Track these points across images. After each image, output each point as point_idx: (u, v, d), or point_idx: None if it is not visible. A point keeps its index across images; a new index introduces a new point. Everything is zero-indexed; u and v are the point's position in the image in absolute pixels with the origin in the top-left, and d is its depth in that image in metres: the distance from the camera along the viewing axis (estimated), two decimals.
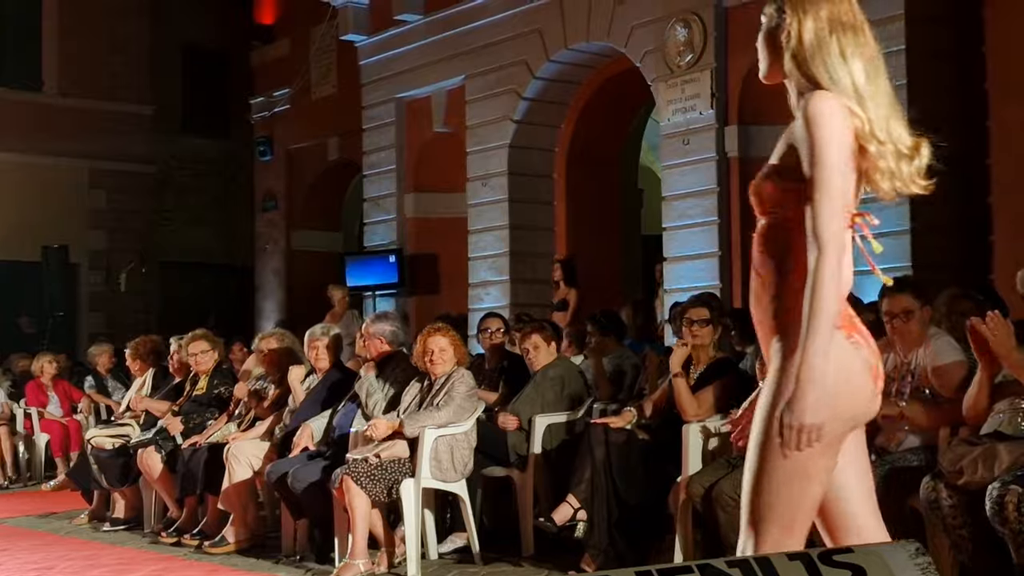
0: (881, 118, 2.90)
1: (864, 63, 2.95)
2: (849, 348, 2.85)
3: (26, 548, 8.25)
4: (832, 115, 2.87)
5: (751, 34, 11.92)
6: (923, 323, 5.73)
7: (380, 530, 6.98)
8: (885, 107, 2.92)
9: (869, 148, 2.88)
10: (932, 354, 5.67)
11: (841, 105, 2.89)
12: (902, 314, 5.69)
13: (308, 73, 17.56)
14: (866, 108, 2.90)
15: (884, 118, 2.91)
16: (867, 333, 2.91)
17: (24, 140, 18.40)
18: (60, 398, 12.81)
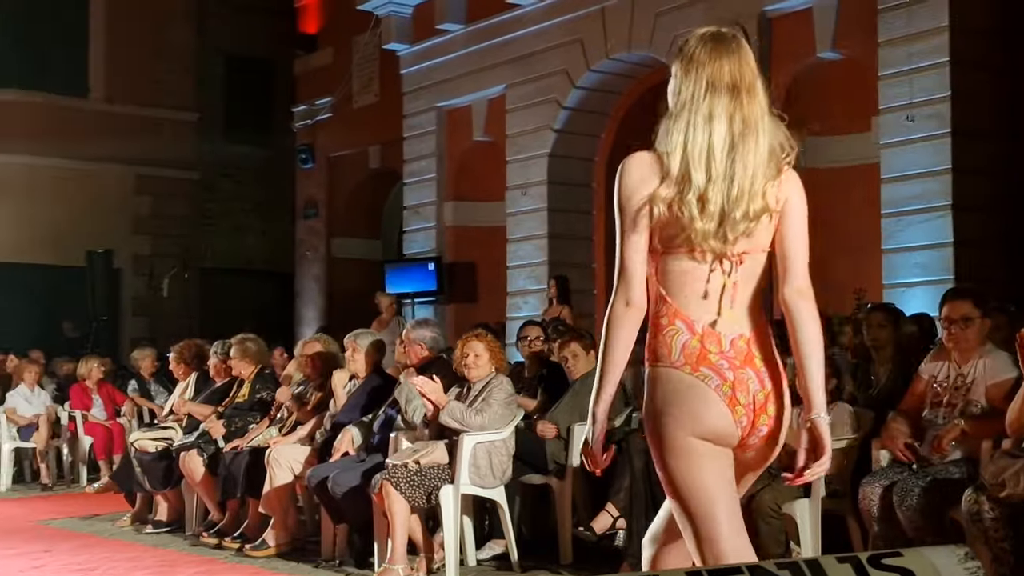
0: (716, 182, 3.09)
1: (726, 125, 3.13)
2: (692, 378, 3.08)
3: (70, 549, 8.33)
4: (627, 171, 3.18)
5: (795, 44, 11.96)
6: (981, 333, 5.72)
7: (419, 536, 7.01)
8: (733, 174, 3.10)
9: (685, 211, 3.09)
10: (989, 369, 5.65)
11: (644, 163, 3.17)
12: (961, 320, 5.70)
13: (350, 82, 17.67)
14: (708, 173, 3.10)
15: (719, 180, 3.09)
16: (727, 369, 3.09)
17: (70, 146, 18.63)
18: (104, 401, 12.93)
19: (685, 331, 3.13)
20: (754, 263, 3.21)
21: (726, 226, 3.10)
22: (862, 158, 11.40)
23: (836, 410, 6.25)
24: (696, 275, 3.15)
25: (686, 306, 3.14)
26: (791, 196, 3.24)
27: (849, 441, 6.17)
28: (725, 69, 3.17)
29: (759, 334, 3.20)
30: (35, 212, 18.40)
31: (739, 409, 3.09)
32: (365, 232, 18.72)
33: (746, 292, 3.20)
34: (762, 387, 3.15)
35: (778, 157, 3.20)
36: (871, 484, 5.65)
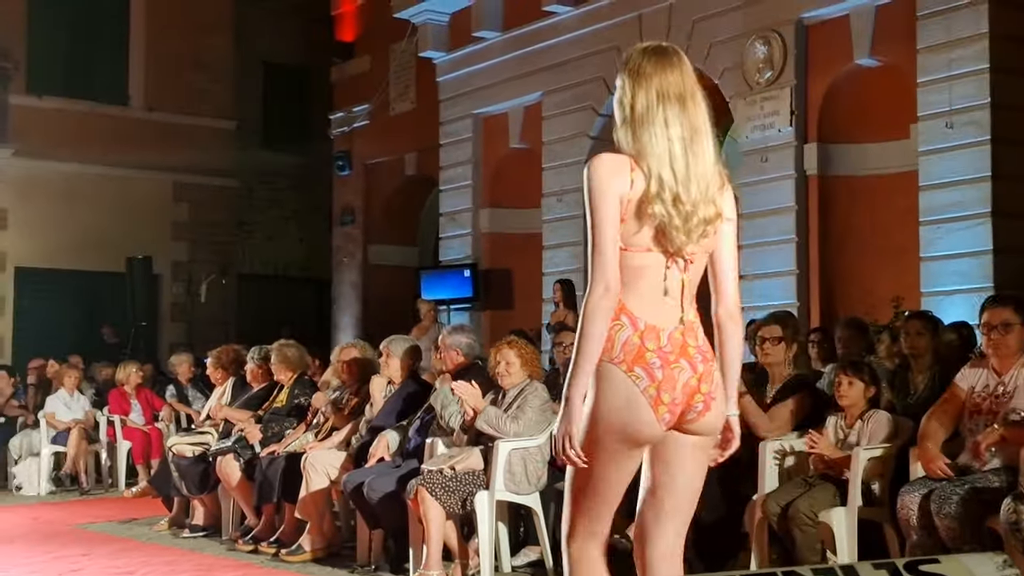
0: (682, 182, 3.34)
1: (680, 129, 3.38)
2: (629, 383, 3.34)
3: (107, 553, 8.39)
4: (597, 168, 3.36)
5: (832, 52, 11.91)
6: (1021, 340, 5.69)
7: (454, 542, 7.01)
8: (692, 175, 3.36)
9: (655, 207, 3.33)
10: None
11: (615, 162, 3.37)
12: (1000, 326, 5.70)
13: (387, 89, 17.73)
14: (672, 172, 3.35)
15: (684, 181, 3.35)
16: (658, 367, 3.34)
17: (110, 153, 18.79)
18: (142, 406, 13.01)
19: (628, 327, 3.36)
20: (700, 265, 3.48)
21: (691, 225, 3.35)
22: (901, 166, 11.34)
23: (875, 417, 6.21)
24: (651, 272, 3.39)
25: (634, 302, 3.38)
26: (731, 212, 3.52)
27: (886, 449, 6.12)
28: (671, 80, 3.42)
29: (693, 326, 3.44)
30: (76, 218, 18.56)
31: (662, 408, 3.35)
32: (401, 239, 18.76)
33: (693, 291, 3.47)
34: (694, 372, 3.39)
35: (719, 167, 3.46)
36: (909, 493, 5.61)
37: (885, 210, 11.53)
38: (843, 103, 11.73)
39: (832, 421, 6.38)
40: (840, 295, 11.70)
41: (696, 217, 3.35)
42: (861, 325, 8.42)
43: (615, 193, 3.33)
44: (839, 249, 11.76)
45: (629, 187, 3.34)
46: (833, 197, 11.77)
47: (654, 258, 3.38)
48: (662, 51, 3.47)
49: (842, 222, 11.76)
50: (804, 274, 11.74)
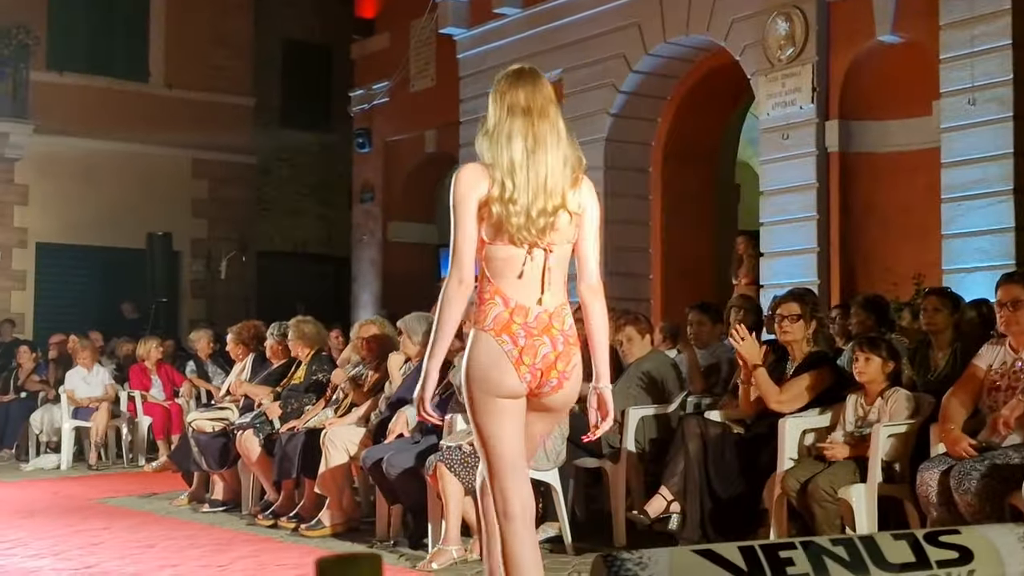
0: (520, 187, 3.87)
1: (524, 145, 3.91)
2: (496, 345, 3.90)
3: (128, 527, 8.45)
4: (459, 178, 3.93)
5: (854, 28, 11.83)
6: None
7: (473, 517, 7.00)
8: (531, 179, 3.88)
9: (495, 207, 3.87)
10: None
11: (473, 172, 3.93)
12: (1010, 303, 5.70)
13: (407, 66, 17.70)
14: (512, 179, 3.87)
15: (522, 186, 3.87)
16: (522, 336, 3.89)
17: (130, 130, 18.82)
18: (163, 382, 13.08)
19: (500, 304, 3.92)
20: (562, 252, 3.98)
21: (530, 221, 3.87)
22: (923, 142, 11.27)
23: (895, 396, 6.19)
24: (514, 261, 3.92)
25: (505, 285, 3.93)
26: (588, 204, 4.03)
27: (908, 426, 6.11)
28: (520, 96, 3.98)
29: (560, 311, 3.98)
30: (96, 195, 18.63)
31: (523, 368, 3.90)
32: (421, 216, 18.76)
33: (558, 275, 3.99)
34: (554, 349, 3.93)
35: (573, 167, 3.98)
36: (929, 469, 5.60)
37: (907, 187, 11.47)
38: (865, 80, 11.66)
39: (852, 399, 6.37)
40: (861, 272, 11.66)
41: (535, 215, 3.87)
42: (879, 302, 8.39)
43: (472, 200, 3.88)
44: (860, 226, 11.71)
45: (486, 192, 3.88)
46: (854, 174, 11.72)
47: (514, 250, 3.92)
48: (519, 72, 4.06)
49: (863, 199, 11.71)
50: (825, 251, 11.70)
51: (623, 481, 7.31)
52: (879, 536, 2.21)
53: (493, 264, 3.94)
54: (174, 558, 7.23)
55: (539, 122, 3.96)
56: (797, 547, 2.18)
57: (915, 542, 2.19)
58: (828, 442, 6.22)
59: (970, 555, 2.24)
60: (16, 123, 17.95)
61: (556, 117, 4.01)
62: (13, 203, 18.56)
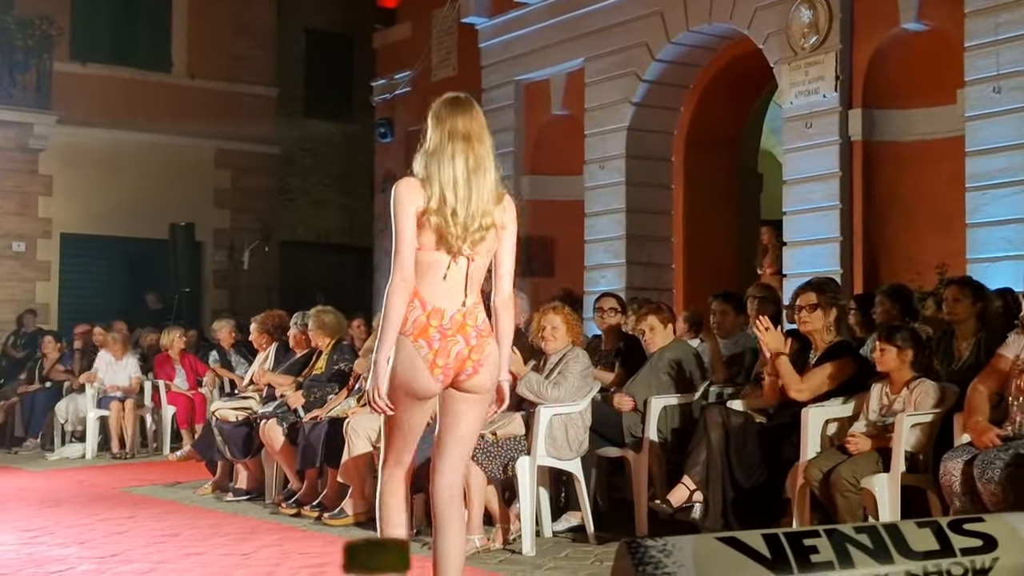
0: (460, 201, 4.37)
1: (464, 165, 4.41)
2: (412, 349, 4.38)
3: (152, 515, 8.50)
4: (398, 191, 4.44)
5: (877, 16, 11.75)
6: None
7: (495, 507, 7.04)
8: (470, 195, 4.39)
9: (434, 218, 4.36)
10: None
11: (411, 185, 4.43)
12: None
13: (429, 55, 17.69)
14: (454, 194, 4.37)
15: (462, 200, 4.37)
16: (439, 338, 4.37)
17: (153, 120, 18.88)
18: (187, 371, 13.14)
19: (418, 308, 4.38)
20: (482, 262, 4.50)
21: (467, 233, 4.37)
22: (947, 131, 11.20)
23: (920, 387, 6.17)
24: (439, 266, 4.40)
25: (425, 289, 4.40)
26: (508, 222, 4.54)
27: (932, 416, 6.09)
28: (460, 123, 4.47)
29: (474, 309, 4.46)
30: (119, 185, 18.69)
31: (436, 370, 4.39)
32: None
33: (476, 283, 4.49)
34: (467, 344, 4.43)
35: (498, 188, 4.49)
36: (952, 459, 5.58)
37: (931, 176, 11.41)
38: (889, 68, 11.60)
39: (877, 388, 6.35)
40: (884, 262, 11.61)
41: (473, 226, 4.38)
42: (903, 292, 8.35)
43: (411, 210, 4.38)
44: (884, 215, 11.66)
45: (423, 204, 4.38)
46: (878, 163, 11.66)
47: (440, 256, 4.39)
48: (456, 99, 4.58)
49: (887, 188, 11.66)
50: (848, 241, 11.65)
51: (645, 470, 7.31)
52: (903, 524, 2.21)
53: (419, 267, 4.41)
54: (198, 547, 7.26)
55: (477, 146, 4.48)
56: (821, 535, 2.18)
57: (939, 530, 2.18)
58: (850, 435, 6.21)
59: (994, 543, 2.23)
60: (40, 114, 18.02)
61: (489, 143, 4.55)
62: (37, 194, 18.64)
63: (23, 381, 14.41)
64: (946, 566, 2.20)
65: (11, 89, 17.87)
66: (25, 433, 13.93)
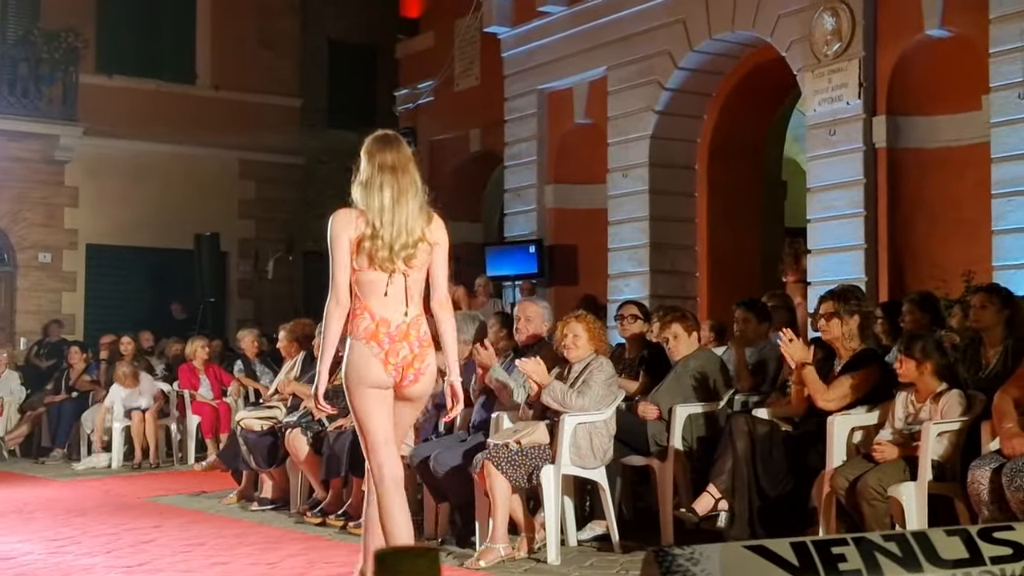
0: (386, 226, 4.97)
1: (391, 194, 5.01)
2: (366, 349, 4.99)
3: (178, 525, 8.52)
4: (335, 219, 5.04)
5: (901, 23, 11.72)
6: None
7: (520, 515, 7.03)
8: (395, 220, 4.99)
9: (370, 244, 4.96)
10: None
11: (346, 215, 5.04)
12: None
13: (452, 65, 17.73)
14: (381, 221, 4.97)
15: (387, 225, 4.97)
16: (387, 342, 4.97)
17: (178, 132, 18.98)
18: (211, 381, 13.17)
19: (368, 318, 5.00)
20: (419, 275, 5.09)
21: (394, 253, 4.96)
22: (972, 137, 11.16)
23: (946, 400, 6.14)
24: (379, 284, 5.00)
25: (372, 303, 5.00)
26: (439, 238, 5.16)
27: (959, 424, 6.05)
28: (387, 157, 5.09)
29: (416, 320, 5.06)
30: (145, 196, 18.79)
31: (389, 366, 4.99)
32: (466, 215, 18.76)
33: (416, 293, 5.08)
34: (411, 352, 5.02)
35: (427, 211, 5.11)
36: (981, 467, 5.55)
37: (956, 183, 11.36)
38: (913, 75, 11.56)
39: (903, 396, 6.32)
40: (910, 269, 11.56)
41: (398, 246, 4.96)
42: (930, 299, 8.32)
43: (345, 238, 4.98)
44: (909, 222, 11.61)
45: (359, 231, 4.96)
46: (902, 170, 11.62)
47: (378, 275, 4.99)
48: (385, 136, 5.21)
49: (912, 195, 11.61)
50: (873, 248, 11.61)
51: (671, 479, 7.29)
52: (932, 532, 2.19)
53: (363, 286, 5.00)
54: (224, 556, 7.28)
55: (402, 176, 5.07)
56: (849, 543, 2.17)
57: (968, 538, 2.17)
58: (876, 443, 6.18)
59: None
60: (66, 126, 18.16)
61: (414, 173, 5.14)
62: (63, 205, 18.76)
63: (50, 391, 14.49)
64: (976, 574, 2.18)
65: (38, 101, 18.01)
66: (52, 443, 13.99)
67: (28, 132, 18.03)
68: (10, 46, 18.24)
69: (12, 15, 18.57)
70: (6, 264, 18.55)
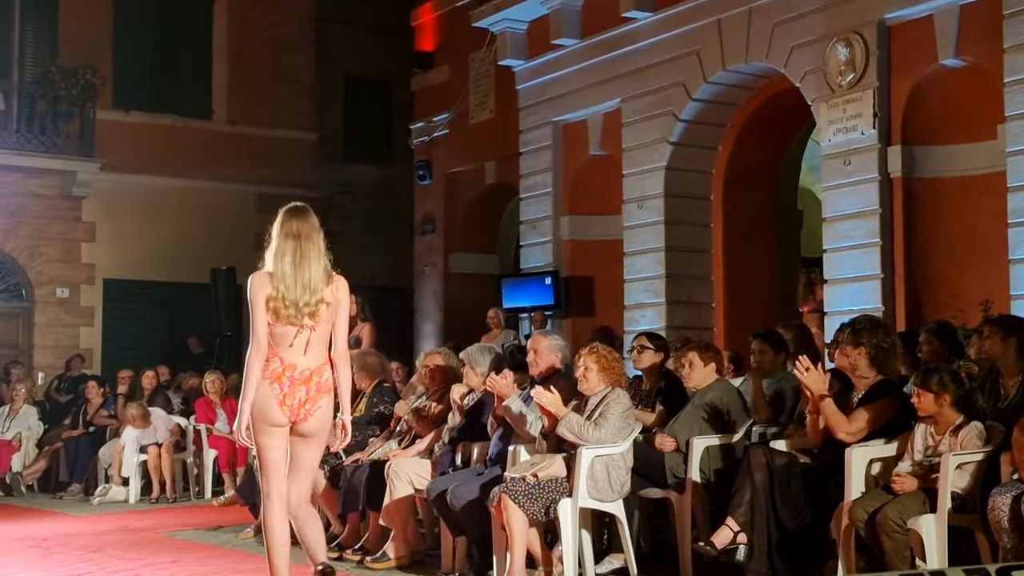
0: (289, 288, 5.80)
1: (292, 259, 5.84)
2: (270, 390, 5.82)
3: (195, 560, 8.52)
4: (252, 282, 5.86)
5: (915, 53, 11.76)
6: None
7: (538, 549, 7.01)
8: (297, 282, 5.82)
9: (276, 303, 5.80)
10: None
11: (260, 278, 5.86)
12: None
13: (467, 98, 17.79)
14: (284, 283, 5.81)
15: (290, 287, 5.81)
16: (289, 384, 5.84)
17: (194, 166, 19.08)
18: (228, 415, 13.17)
19: (278, 363, 5.84)
20: (323, 330, 5.92)
21: (299, 310, 5.80)
22: (988, 167, 11.14)
23: (965, 432, 6.10)
24: (287, 336, 5.84)
25: (282, 352, 5.85)
26: (341, 297, 5.98)
27: (979, 455, 6.01)
28: (294, 226, 5.94)
29: (320, 368, 5.91)
30: (161, 231, 18.86)
31: (284, 407, 5.84)
32: (482, 247, 18.80)
33: (319, 345, 5.91)
34: (307, 395, 5.87)
35: (328, 272, 5.93)
36: (1001, 494, 5.51)
37: (972, 212, 11.33)
38: (928, 104, 11.56)
39: (921, 428, 6.29)
40: (927, 299, 11.52)
41: (302, 304, 5.79)
42: (947, 329, 8.28)
43: (262, 297, 5.81)
44: (925, 252, 11.58)
45: (267, 292, 5.80)
46: (918, 199, 11.60)
47: (287, 328, 5.82)
48: (294, 208, 6.06)
49: (928, 225, 11.59)
50: (889, 278, 11.57)
51: (688, 512, 7.25)
52: (951, 571, 2.18)
53: (275, 338, 5.84)
54: None
55: (305, 243, 5.88)
56: None
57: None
58: (896, 475, 6.14)
59: None
60: (83, 162, 18.26)
61: (318, 239, 5.94)
62: (81, 240, 18.85)
63: (67, 426, 14.50)
64: None
65: (55, 138, 18.13)
66: (69, 478, 13.99)
67: (46, 168, 18.14)
68: (28, 83, 18.38)
69: (30, 52, 18.70)
70: (24, 299, 18.63)
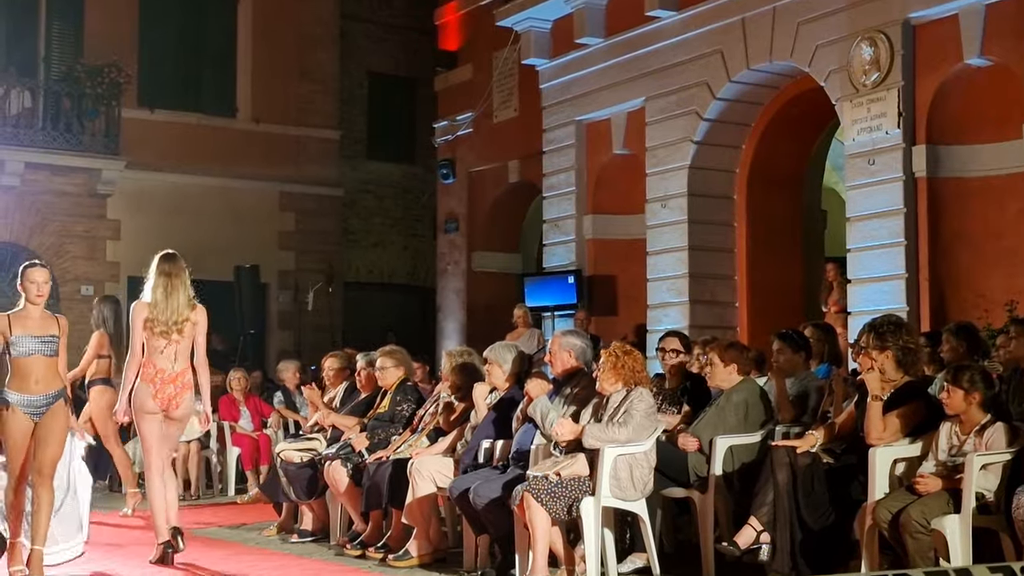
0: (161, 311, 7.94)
1: (163, 291, 7.99)
2: (144, 388, 7.91)
3: (219, 557, 8.53)
4: (134, 311, 7.97)
5: (940, 52, 11.73)
6: None
7: (560, 548, 7.00)
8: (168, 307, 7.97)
9: (152, 322, 7.90)
10: None
11: (140, 305, 7.98)
12: None
13: (490, 97, 17.80)
14: (157, 307, 7.94)
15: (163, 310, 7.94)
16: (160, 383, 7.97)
17: (219, 164, 19.15)
18: (251, 413, 13.21)
19: (151, 367, 7.91)
20: (186, 343, 8.00)
21: (168, 328, 7.92)
22: (1013, 166, 11.09)
23: (991, 432, 6.07)
24: (159, 347, 7.92)
25: (155, 359, 7.93)
26: (199, 319, 8.11)
27: (1004, 455, 5.98)
28: (165, 267, 8.09)
29: (183, 371, 8.00)
30: (185, 229, 18.87)
31: (156, 400, 7.90)
32: (505, 246, 18.81)
33: (184, 355, 8.02)
34: (175, 390, 7.98)
35: (191, 301, 8.07)
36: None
37: (997, 211, 11.28)
38: (952, 104, 11.51)
39: (946, 428, 6.26)
40: (951, 299, 11.48)
41: (170, 323, 7.91)
42: (970, 329, 8.24)
43: (140, 320, 7.93)
44: (950, 252, 11.53)
45: (144, 315, 7.93)
46: (943, 199, 11.56)
47: (159, 341, 7.91)
48: (167, 255, 8.25)
49: (952, 224, 11.54)
50: (914, 278, 11.53)
51: (711, 511, 7.24)
52: (975, 568, 2.17)
53: (150, 348, 7.92)
54: None
55: (174, 279, 8.05)
56: None
57: (1011, 573, 2.15)
58: (920, 475, 6.12)
59: None
60: (108, 160, 18.33)
61: (185, 277, 8.14)
62: (105, 238, 18.92)
63: None
64: None
65: (80, 136, 18.21)
66: (93, 476, 14.03)
67: (71, 166, 18.22)
68: (54, 81, 18.47)
69: (56, 50, 18.80)
70: (49, 297, 18.66)
